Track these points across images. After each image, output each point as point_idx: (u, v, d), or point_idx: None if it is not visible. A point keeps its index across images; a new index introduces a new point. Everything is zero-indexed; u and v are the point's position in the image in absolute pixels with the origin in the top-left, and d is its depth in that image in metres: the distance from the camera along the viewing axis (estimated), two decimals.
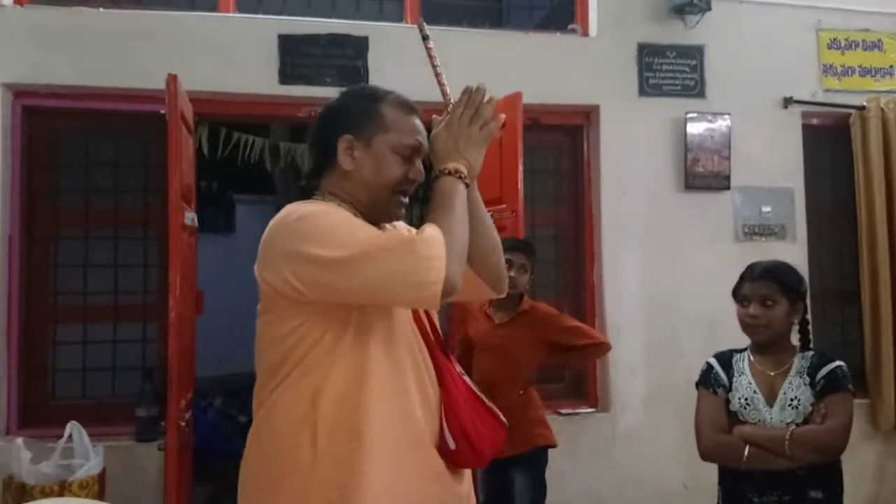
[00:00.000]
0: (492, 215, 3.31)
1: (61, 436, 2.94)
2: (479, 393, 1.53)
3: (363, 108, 1.46)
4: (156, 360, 3.43)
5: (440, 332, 1.56)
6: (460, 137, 1.41)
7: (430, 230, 1.30)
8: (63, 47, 3.25)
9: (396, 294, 1.30)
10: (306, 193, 1.52)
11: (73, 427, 2.96)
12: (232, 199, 8.23)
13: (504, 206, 3.30)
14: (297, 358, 1.35)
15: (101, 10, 3.33)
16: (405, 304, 1.40)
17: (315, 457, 1.33)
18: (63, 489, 2.81)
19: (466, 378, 1.53)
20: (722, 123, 3.78)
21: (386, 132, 1.44)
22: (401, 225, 1.56)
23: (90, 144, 3.50)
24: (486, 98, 1.46)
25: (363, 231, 1.33)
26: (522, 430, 2.89)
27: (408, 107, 1.50)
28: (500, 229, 3.30)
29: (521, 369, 2.92)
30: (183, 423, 2.92)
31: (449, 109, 1.46)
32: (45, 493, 2.77)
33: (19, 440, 2.87)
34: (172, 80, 2.84)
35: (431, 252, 1.26)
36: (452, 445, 1.41)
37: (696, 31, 3.79)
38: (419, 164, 1.48)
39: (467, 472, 1.51)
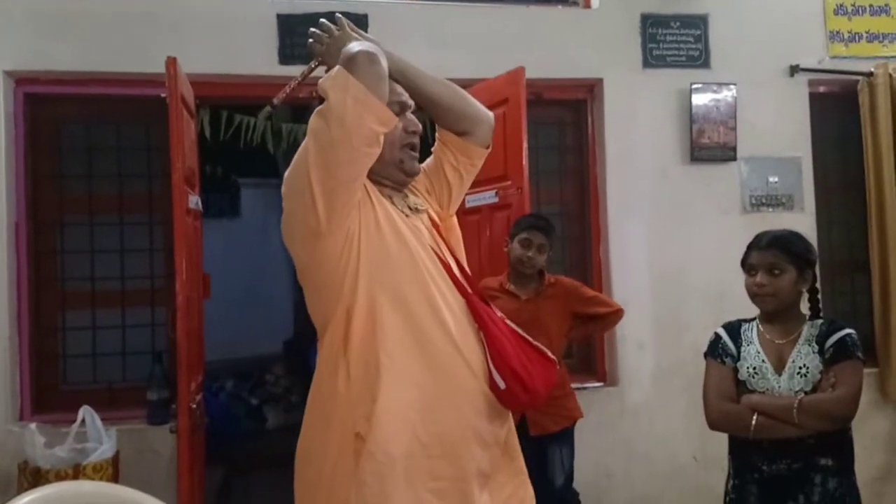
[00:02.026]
0: (497, 192, 3.34)
1: (74, 420, 2.96)
2: (523, 333, 1.63)
3: None
4: (165, 343, 3.45)
5: (473, 281, 1.68)
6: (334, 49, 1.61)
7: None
8: (63, 33, 3.24)
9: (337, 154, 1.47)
10: None
11: (85, 411, 2.98)
12: (237, 183, 8.23)
13: (509, 182, 3.29)
14: (330, 312, 1.52)
15: None
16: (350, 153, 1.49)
17: (349, 382, 1.48)
18: (77, 473, 2.83)
19: (509, 321, 1.64)
20: (727, 94, 3.73)
21: None
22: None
23: (92, 130, 3.49)
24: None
25: None
26: (563, 404, 2.94)
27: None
28: (506, 206, 3.32)
29: (555, 342, 2.93)
30: (194, 406, 2.94)
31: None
32: (60, 477, 2.80)
33: (33, 425, 2.89)
34: (172, 62, 2.83)
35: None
36: (502, 385, 1.51)
37: (699, 0, 3.74)
38: (411, 116, 1.64)
39: (509, 422, 1.63)
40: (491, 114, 1.82)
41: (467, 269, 1.73)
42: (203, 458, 3.26)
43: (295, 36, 3.38)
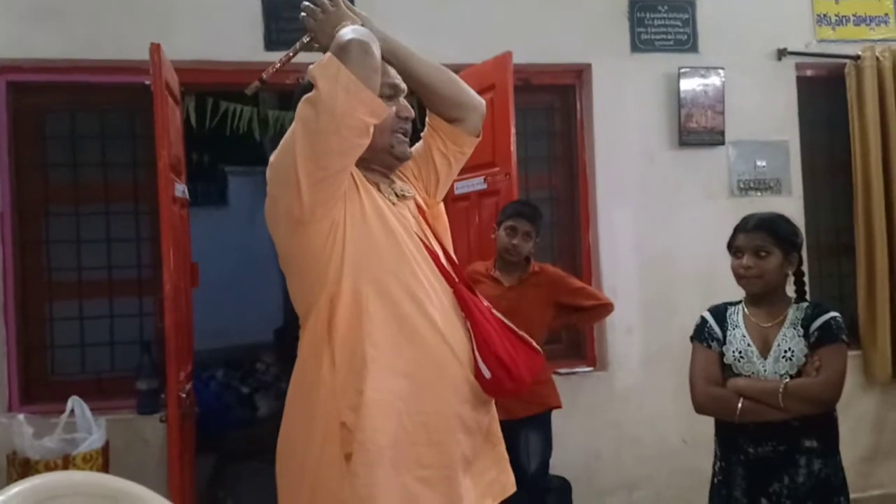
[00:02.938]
0: (485, 179, 3.34)
1: (62, 411, 2.95)
2: (509, 323, 1.64)
3: None
4: (153, 333, 3.43)
5: (459, 269, 1.66)
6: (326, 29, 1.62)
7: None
8: (46, 20, 3.19)
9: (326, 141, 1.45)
10: None
11: (74, 402, 2.97)
12: (224, 171, 8.19)
13: (497, 168, 3.28)
14: (313, 299, 1.51)
15: None
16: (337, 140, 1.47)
17: (333, 371, 1.48)
18: (67, 463, 2.83)
19: (494, 311, 1.64)
20: (715, 78, 3.73)
21: None
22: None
23: (77, 118, 3.45)
24: None
25: None
26: (535, 391, 2.93)
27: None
28: (494, 193, 3.31)
29: (534, 331, 2.92)
30: (183, 395, 2.94)
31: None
32: (50, 468, 2.79)
33: (21, 416, 2.88)
34: (156, 49, 2.80)
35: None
36: (488, 374, 1.51)
37: None
38: (403, 101, 1.61)
39: (492, 410, 1.63)
40: (483, 101, 1.80)
41: (454, 256, 1.72)
42: (194, 447, 3.26)
43: (280, 21, 3.34)
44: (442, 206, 1.82)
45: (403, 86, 1.62)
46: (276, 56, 3.33)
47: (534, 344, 1.65)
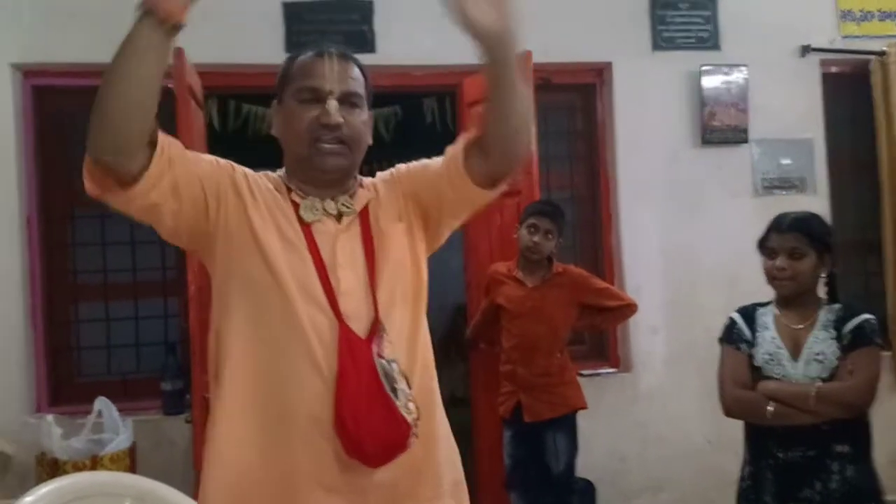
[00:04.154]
0: None
1: (90, 412, 2.99)
2: (385, 384, 1.31)
3: (282, 70, 1.44)
4: (178, 334, 3.46)
5: (378, 310, 1.36)
6: None
7: None
8: (70, 25, 3.22)
9: None
10: None
11: (101, 402, 3.00)
12: None
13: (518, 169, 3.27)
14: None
15: None
16: None
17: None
18: (95, 463, 2.86)
19: (382, 364, 1.32)
20: (738, 75, 3.70)
21: (291, 82, 1.39)
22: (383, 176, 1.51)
23: None
24: None
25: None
26: (561, 393, 2.93)
27: (318, 53, 1.39)
28: (515, 193, 3.30)
29: (558, 331, 2.94)
30: (207, 396, 2.95)
31: None
32: (78, 468, 2.82)
33: (50, 417, 2.92)
34: (179, 53, 2.82)
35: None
36: (338, 429, 1.28)
37: None
38: (332, 105, 1.35)
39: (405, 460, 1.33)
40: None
41: (381, 282, 1.39)
42: None
43: (301, 24, 3.36)
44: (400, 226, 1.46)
45: (330, 87, 1.35)
46: None
47: (401, 415, 1.30)
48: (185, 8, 1.20)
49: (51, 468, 2.84)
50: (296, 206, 1.39)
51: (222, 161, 1.41)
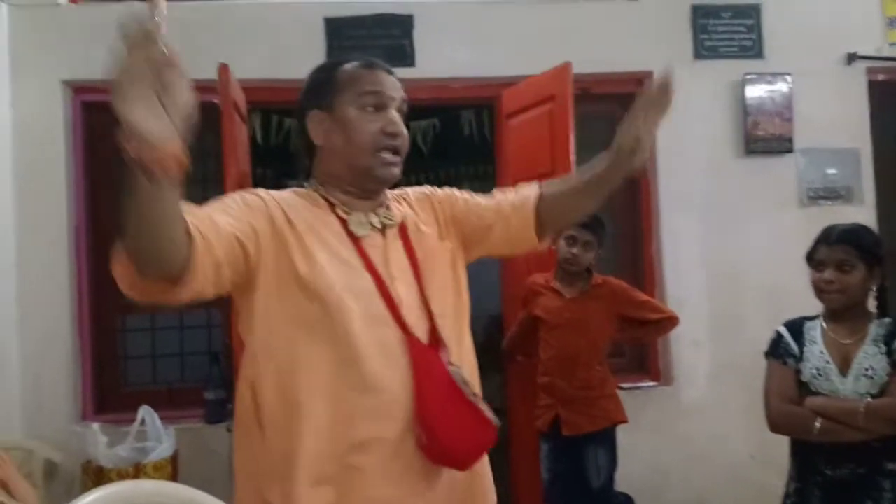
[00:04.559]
0: None
1: (134, 420, 3.04)
2: (464, 389, 1.36)
3: (320, 79, 1.42)
4: (221, 344, 3.52)
5: (434, 320, 1.38)
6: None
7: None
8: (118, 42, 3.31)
9: None
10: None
11: (145, 411, 3.06)
12: (287, 185, 8.35)
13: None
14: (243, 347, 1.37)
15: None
16: None
17: (262, 435, 1.33)
18: (138, 472, 2.91)
19: (454, 370, 1.35)
20: (782, 84, 3.64)
21: (343, 92, 1.36)
22: (414, 192, 1.52)
23: None
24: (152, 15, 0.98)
25: (213, 210, 1.29)
26: (601, 406, 2.90)
27: (367, 63, 1.40)
28: None
29: (597, 343, 2.90)
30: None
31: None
32: (122, 476, 2.88)
33: (95, 425, 2.98)
34: (224, 69, 2.88)
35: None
36: (424, 440, 1.30)
37: None
38: (393, 114, 1.36)
39: (456, 476, 1.35)
40: None
41: (432, 296, 1.40)
42: None
43: (342, 39, 3.41)
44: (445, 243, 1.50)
45: (393, 94, 1.37)
46: None
47: (488, 416, 1.36)
48: (180, 158, 1.02)
49: (96, 476, 2.90)
50: (343, 221, 1.37)
51: (249, 197, 1.34)
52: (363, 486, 1.29)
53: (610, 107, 3.84)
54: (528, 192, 1.51)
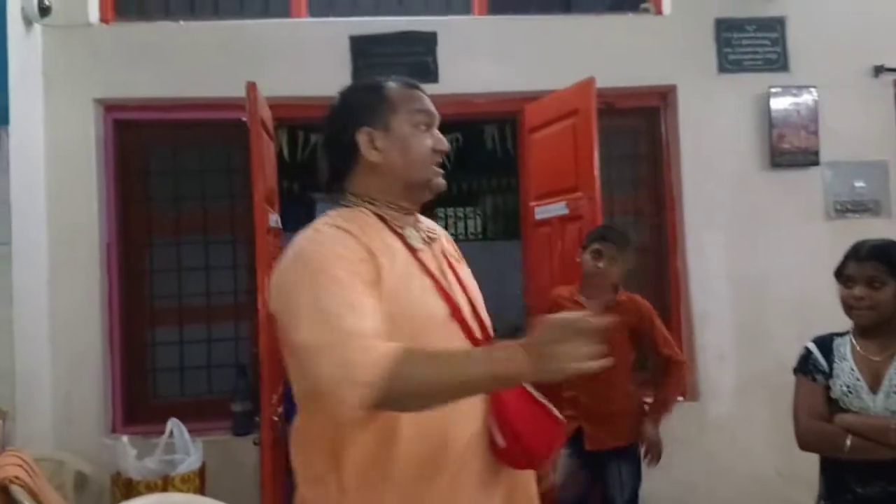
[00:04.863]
0: (567, 204, 3.33)
1: (163, 432, 3.09)
2: (532, 390, 1.41)
3: (370, 98, 1.43)
4: (248, 356, 3.56)
5: (487, 326, 1.46)
6: (550, 345, 1.16)
7: (392, 353, 1.16)
8: (148, 61, 3.39)
9: (321, 394, 1.19)
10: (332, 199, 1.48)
11: (173, 423, 3.10)
12: (312, 198, 8.44)
13: (580, 193, 3.26)
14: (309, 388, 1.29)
15: (181, 22, 3.46)
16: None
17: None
18: (166, 483, 2.94)
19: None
20: (808, 97, 3.62)
21: (397, 111, 1.40)
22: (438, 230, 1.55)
23: (178, 153, 3.64)
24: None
25: (346, 316, 1.21)
26: (626, 422, 2.87)
27: (408, 83, 1.46)
28: (577, 218, 3.29)
29: (620, 359, 2.88)
30: (276, 419, 3.02)
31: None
32: (150, 488, 2.92)
33: (125, 438, 3.03)
34: (251, 87, 2.92)
35: (372, 360, 1.15)
36: (502, 443, 1.34)
37: (776, 2, 3.64)
38: (438, 132, 1.45)
39: (514, 479, 1.40)
40: None
41: (480, 303, 1.50)
42: (284, 468, 3.34)
43: (367, 57, 3.45)
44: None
45: (436, 112, 1.46)
46: None
47: (557, 415, 1.43)
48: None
49: (125, 488, 2.94)
50: (401, 236, 1.41)
51: (343, 252, 1.30)
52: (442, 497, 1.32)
53: (633, 120, 3.85)
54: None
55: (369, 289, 1.27)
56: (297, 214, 8.57)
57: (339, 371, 1.15)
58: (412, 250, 1.39)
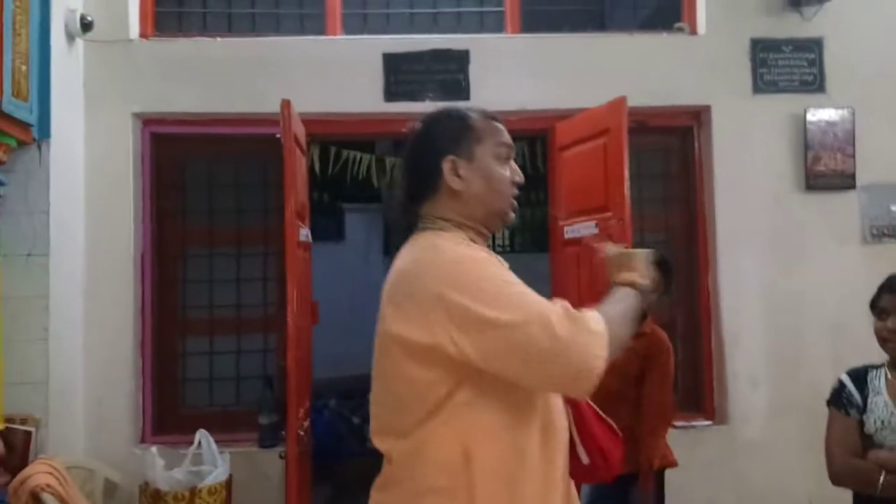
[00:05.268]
0: (597, 223, 3.31)
1: (191, 442, 3.12)
2: (595, 407, 1.55)
3: (456, 127, 1.47)
4: (275, 368, 3.59)
5: None
6: (628, 258, 1.50)
7: (597, 318, 1.27)
8: (186, 76, 3.45)
9: (548, 370, 1.24)
10: (410, 222, 1.49)
11: (201, 435, 3.13)
12: (341, 208, 8.52)
13: (609, 213, 3.24)
14: (434, 402, 1.31)
15: (219, 39, 3.52)
16: (549, 387, 1.32)
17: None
18: (193, 495, 2.97)
19: (589, 401, 1.55)
20: (844, 118, 3.56)
21: (482, 142, 1.45)
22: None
23: (213, 167, 3.70)
24: None
25: (529, 292, 1.30)
26: (639, 446, 2.81)
27: (492, 116, 1.51)
28: (607, 237, 3.27)
29: (630, 385, 2.84)
30: (302, 433, 3.04)
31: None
32: (178, 499, 2.95)
33: (154, 448, 3.07)
34: (286, 105, 2.96)
35: (596, 340, 1.25)
36: (586, 460, 1.46)
37: (813, 23, 3.60)
38: (514, 164, 1.50)
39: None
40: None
41: None
42: (310, 481, 3.36)
43: (399, 74, 3.48)
44: None
45: (514, 146, 1.51)
46: (395, 107, 3.53)
47: (618, 432, 1.57)
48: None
49: (153, 498, 2.98)
50: None
51: (489, 264, 1.37)
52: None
53: (665, 138, 3.83)
54: None
55: None
56: (327, 223, 8.72)
57: (580, 340, 1.23)
58: None
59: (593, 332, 1.24)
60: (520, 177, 1.49)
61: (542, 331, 1.21)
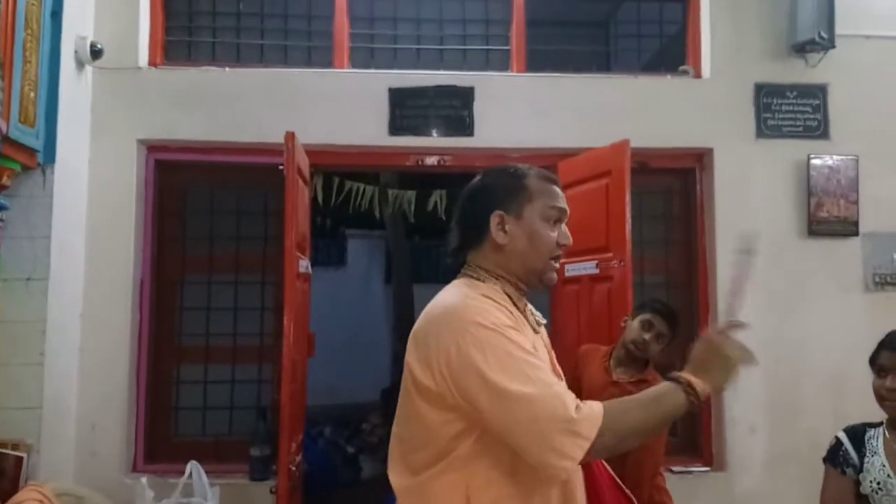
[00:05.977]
0: (597, 263, 3.29)
1: (182, 472, 3.09)
2: (616, 477, 1.59)
3: (510, 184, 1.52)
4: (269, 400, 3.56)
5: None
6: (718, 358, 1.48)
7: (595, 411, 1.31)
8: (192, 105, 3.48)
9: (528, 444, 1.29)
10: (453, 269, 1.58)
11: (192, 466, 3.10)
12: (344, 233, 8.53)
13: (610, 254, 3.23)
14: (444, 444, 1.38)
15: (227, 69, 3.54)
16: (530, 457, 1.32)
17: None
18: None
19: (605, 464, 1.58)
20: (848, 165, 3.56)
21: (532, 202, 1.50)
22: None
23: (215, 195, 3.71)
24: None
25: (541, 370, 1.36)
26: (641, 494, 2.76)
27: (548, 177, 1.54)
28: (607, 279, 3.26)
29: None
30: (293, 468, 3.01)
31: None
32: None
33: (144, 479, 3.04)
34: (290, 137, 2.98)
35: (585, 431, 1.28)
36: None
37: (818, 69, 3.61)
38: (565, 227, 1.53)
39: None
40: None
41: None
42: None
43: (404, 108, 3.50)
44: None
45: (567, 209, 1.54)
46: (399, 141, 3.53)
47: (633, 500, 1.63)
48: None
49: None
50: (522, 313, 1.52)
51: (506, 330, 1.39)
52: None
53: (667, 180, 3.83)
54: None
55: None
56: (329, 248, 8.72)
57: (558, 424, 1.27)
58: (533, 328, 1.52)
59: (577, 435, 1.28)
60: (568, 240, 1.53)
61: (544, 410, 1.29)
